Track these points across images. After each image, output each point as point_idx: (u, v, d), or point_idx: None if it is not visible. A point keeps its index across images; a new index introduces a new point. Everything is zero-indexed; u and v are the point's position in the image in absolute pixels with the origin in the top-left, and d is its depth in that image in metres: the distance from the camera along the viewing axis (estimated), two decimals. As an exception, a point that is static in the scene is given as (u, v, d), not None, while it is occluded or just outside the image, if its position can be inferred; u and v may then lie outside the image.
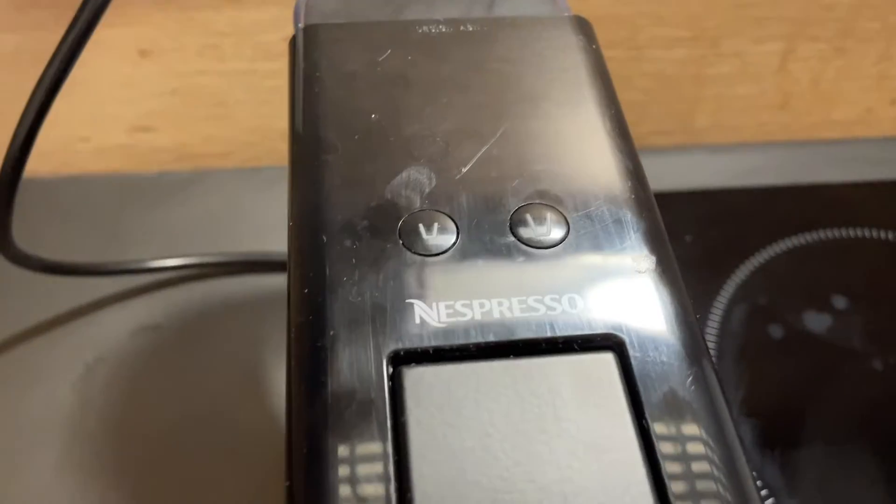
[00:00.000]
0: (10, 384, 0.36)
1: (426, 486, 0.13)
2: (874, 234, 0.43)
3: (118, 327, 0.39)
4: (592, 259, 0.16)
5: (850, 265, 0.42)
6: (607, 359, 0.15)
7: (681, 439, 0.14)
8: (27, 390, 0.36)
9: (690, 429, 0.14)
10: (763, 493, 0.34)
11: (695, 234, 0.43)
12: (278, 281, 0.41)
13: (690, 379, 0.15)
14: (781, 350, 0.39)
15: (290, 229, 0.17)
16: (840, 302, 0.40)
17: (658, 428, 0.14)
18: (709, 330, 0.39)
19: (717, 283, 0.41)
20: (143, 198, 0.44)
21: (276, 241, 0.42)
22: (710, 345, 0.38)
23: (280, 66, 0.40)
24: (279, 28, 0.38)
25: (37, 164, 0.41)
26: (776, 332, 0.39)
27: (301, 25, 0.23)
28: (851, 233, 0.43)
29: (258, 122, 0.43)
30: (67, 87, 0.39)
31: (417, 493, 0.13)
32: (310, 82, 0.19)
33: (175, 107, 0.41)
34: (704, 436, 0.14)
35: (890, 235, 0.43)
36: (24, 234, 0.34)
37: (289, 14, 0.38)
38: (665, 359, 0.15)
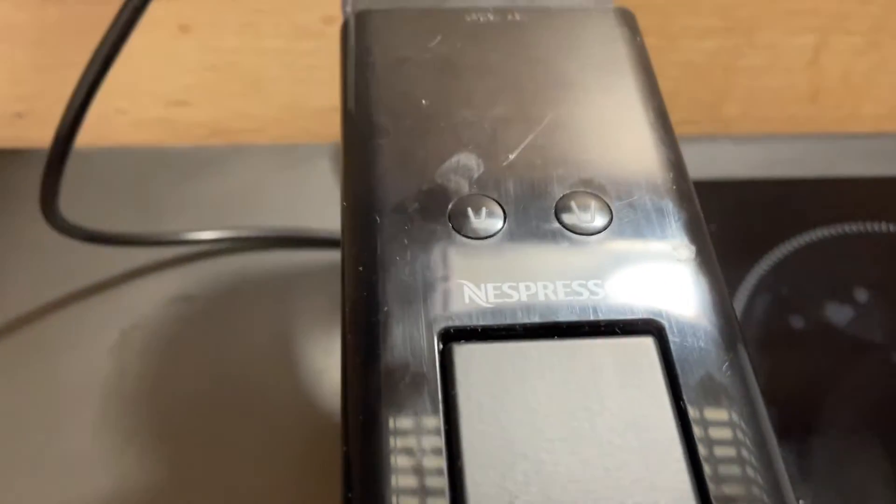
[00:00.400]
0: (49, 348, 0.38)
1: (475, 456, 0.14)
2: (883, 227, 0.44)
3: (153, 297, 0.40)
4: (634, 246, 0.17)
5: (874, 259, 0.42)
6: (647, 343, 0.16)
7: (716, 422, 0.15)
8: (66, 354, 0.37)
9: (725, 412, 0.15)
10: (779, 479, 0.34)
11: (719, 223, 0.43)
12: (309, 256, 0.42)
13: (727, 364, 0.15)
14: (802, 341, 0.39)
15: (344, 209, 0.18)
16: (862, 295, 0.41)
17: (694, 410, 0.15)
18: (730, 318, 0.40)
19: (740, 272, 0.41)
20: (178, 171, 0.44)
21: (306, 217, 0.42)
22: (732, 333, 0.39)
23: (316, 45, 0.41)
24: (317, 8, 0.39)
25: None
26: (798, 322, 0.40)
27: (349, 10, 0.23)
28: (876, 227, 0.44)
29: (292, 99, 0.44)
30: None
31: (467, 462, 0.14)
32: (362, 67, 0.20)
33: (212, 82, 0.42)
34: (738, 419, 0.15)
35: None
36: (62, 204, 0.35)
37: (328, -5, 0.38)
38: (703, 344, 0.16)
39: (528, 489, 0.14)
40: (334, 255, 0.41)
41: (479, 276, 0.16)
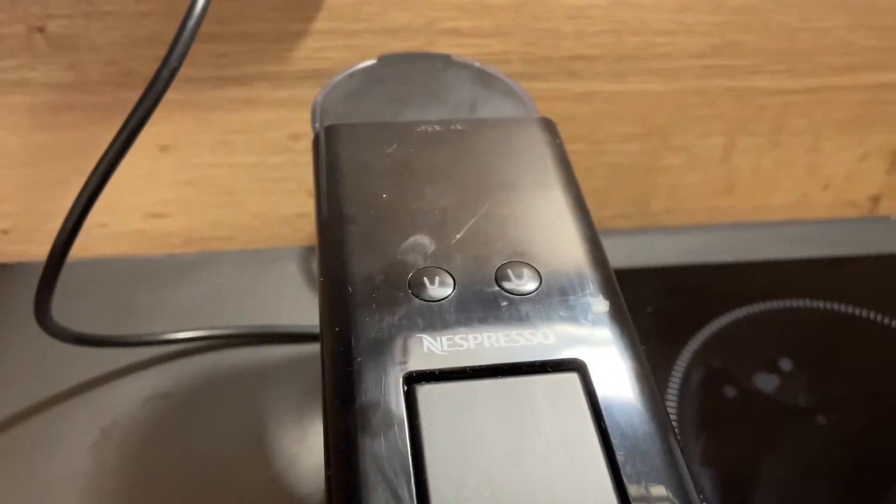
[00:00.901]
0: (34, 446, 0.39)
1: (436, 472, 0.17)
2: (813, 304, 0.49)
3: (132, 395, 0.42)
4: (560, 302, 0.21)
5: (794, 331, 0.47)
6: (573, 377, 0.19)
7: (631, 435, 0.18)
8: (50, 452, 0.39)
9: (638, 427, 0.18)
10: (722, 534, 0.37)
11: (654, 305, 0.48)
12: (278, 351, 0.45)
13: (638, 391, 0.19)
14: (735, 408, 0.43)
15: (322, 283, 0.21)
16: (786, 364, 0.45)
17: (613, 429, 0.18)
18: (669, 391, 0.43)
19: (676, 348, 0.45)
20: (155, 278, 0.48)
21: (276, 315, 0.46)
22: (671, 405, 0.43)
23: (284, 160, 0.45)
24: (285, 127, 0.43)
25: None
26: (730, 391, 0.44)
27: (317, 125, 0.28)
28: (793, 303, 0.49)
29: (262, 208, 0.48)
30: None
31: (430, 477, 0.17)
32: (332, 170, 0.24)
33: (188, 195, 0.46)
34: (648, 431, 0.18)
35: (826, 305, 0.48)
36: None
37: (294, 116, 0.43)
38: (617, 377, 0.19)
39: (481, 495, 0.17)
40: (302, 349, 0.45)
41: (435, 331, 0.20)
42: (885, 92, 0.47)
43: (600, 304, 0.21)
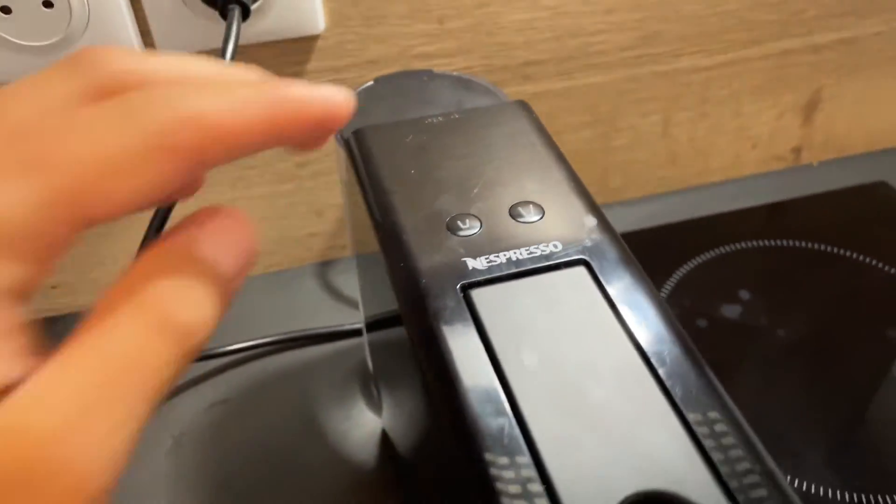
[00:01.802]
0: (118, 459, 0.45)
1: (500, 346, 0.24)
2: (757, 244, 0.57)
3: (194, 405, 0.48)
4: (560, 224, 0.28)
5: (746, 268, 0.55)
6: (581, 270, 0.26)
7: (632, 305, 0.25)
8: (132, 463, 0.45)
9: (635, 299, 0.26)
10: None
11: (627, 265, 0.55)
12: (315, 351, 0.51)
13: (628, 276, 0.26)
14: (710, 334, 0.50)
15: (381, 239, 0.28)
16: (745, 294, 0.53)
17: (619, 302, 0.25)
18: (652, 331, 0.51)
19: (651, 296, 0.53)
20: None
21: (304, 323, 0.52)
22: (656, 342, 0.50)
23: (293, 187, 0.52)
24: (292, 157, 0.50)
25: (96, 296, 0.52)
26: (702, 323, 0.51)
27: (339, 135, 0.35)
28: (741, 246, 0.57)
29: (277, 233, 0.54)
30: (125, 224, 0.50)
31: (498, 352, 0.24)
32: (367, 159, 0.31)
33: (212, 230, 0.52)
34: (642, 301, 0.25)
35: (768, 243, 0.57)
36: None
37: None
38: (612, 266, 0.26)
39: (538, 362, 0.24)
40: (335, 346, 0.51)
41: (473, 255, 0.27)
42: (787, 57, 0.56)
43: (590, 221, 0.28)
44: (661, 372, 0.23)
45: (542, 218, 0.28)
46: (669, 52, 0.53)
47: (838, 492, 0.42)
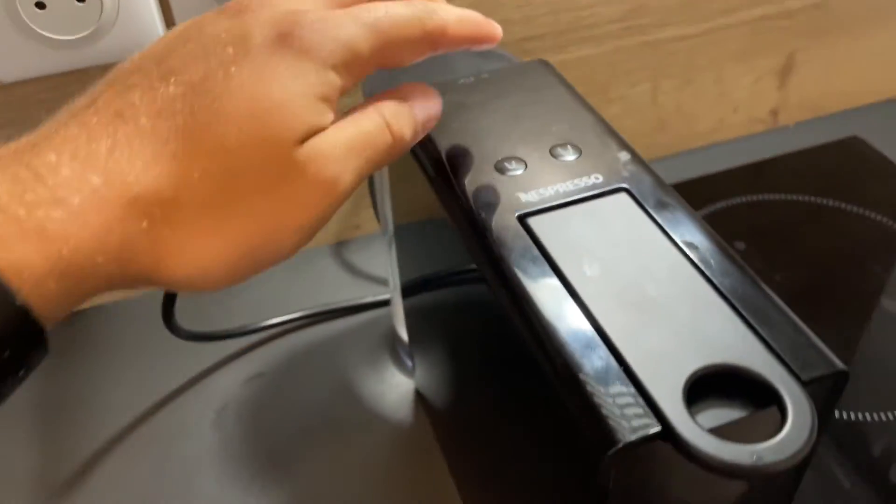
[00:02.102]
0: (167, 433, 0.47)
1: (562, 260, 0.27)
2: (744, 199, 0.61)
3: (232, 380, 0.50)
4: (597, 160, 0.31)
5: (737, 221, 0.59)
6: (624, 196, 0.29)
7: (673, 223, 0.28)
8: (181, 436, 0.47)
9: (676, 216, 0.29)
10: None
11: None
12: (341, 323, 0.53)
13: (664, 196, 0.29)
14: (711, 283, 0.54)
15: (437, 188, 0.31)
16: (740, 245, 0.57)
17: (659, 219, 0.28)
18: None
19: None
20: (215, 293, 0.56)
21: (326, 299, 0.54)
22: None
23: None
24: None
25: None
26: (703, 273, 0.55)
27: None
28: (729, 203, 0.60)
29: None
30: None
31: (561, 266, 0.27)
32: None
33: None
34: (681, 215, 0.28)
35: (754, 198, 0.61)
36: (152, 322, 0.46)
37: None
38: (647, 191, 0.29)
39: (600, 270, 0.27)
40: (359, 318, 0.53)
41: (526, 189, 0.30)
42: (763, 23, 0.60)
43: (624, 156, 0.31)
44: (706, 270, 0.26)
45: (580, 156, 0.31)
46: (655, 23, 0.56)
47: (837, 410, 0.46)
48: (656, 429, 0.21)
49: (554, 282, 0.26)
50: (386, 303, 0.54)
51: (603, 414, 0.22)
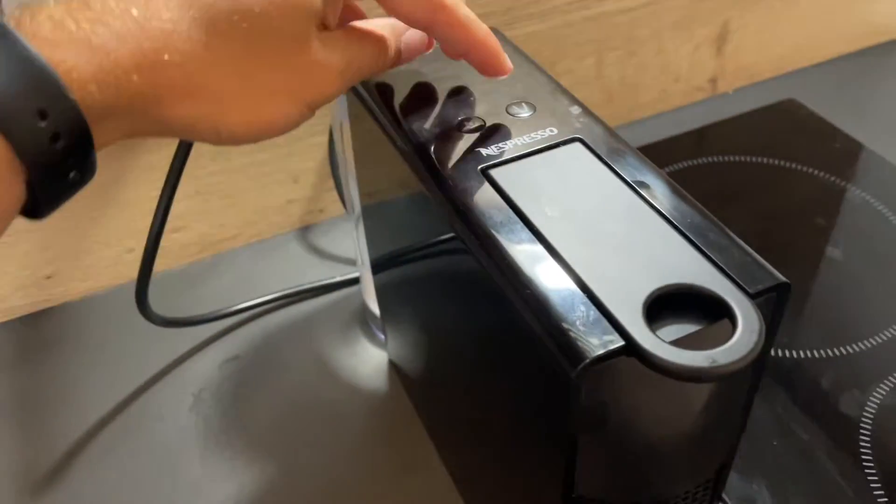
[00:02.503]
0: (147, 418, 0.47)
1: (526, 206, 0.29)
2: (690, 163, 0.63)
3: (208, 364, 0.51)
4: (551, 115, 0.33)
5: (685, 184, 0.61)
6: (578, 146, 0.31)
7: (623, 164, 0.30)
8: (160, 420, 0.47)
9: (624, 164, 0.31)
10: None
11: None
12: (312, 304, 0.54)
13: (615, 143, 0.31)
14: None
15: (405, 154, 0.32)
16: (689, 206, 0.59)
17: (612, 163, 0.30)
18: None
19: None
20: (185, 283, 0.56)
21: (295, 283, 0.55)
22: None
23: (269, 156, 0.55)
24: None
25: (94, 282, 0.54)
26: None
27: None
28: (676, 166, 0.63)
29: (258, 203, 0.57)
30: (117, 208, 0.53)
31: (526, 212, 0.28)
32: (376, 98, 0.35)
33: (197, 205, 0.55)
34: (631, 159, 0.31)
35: (698, 161, 0.63)
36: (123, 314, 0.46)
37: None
38: (599, 140, 0.31)
39: (563, 215, 0.28)
40: (330, 297, 0.54)
41: (486, 146, 0.31)
42: (696, -6, 0.63)
43: (576, 110, 0.33)
44: (657, 205, 0.28)
45: (535, 112, 0.33)
46: (596, -3, 0.59)
47: (787, 351, 0.49)
48: (620, 343, 0.23)
49: (518, 224, 0.28)
50: (355, 281, 0.55)
51: (570, 335, 0.24)
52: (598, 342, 0.23)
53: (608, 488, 0.29)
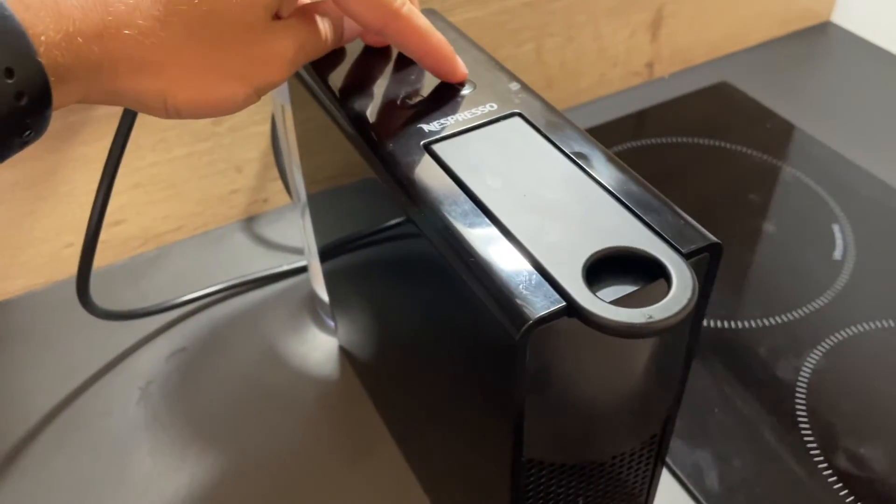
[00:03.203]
0: (93, 414, 0.47)
1: (470, 180, 0.29)
2: (629, 145, 0.65)
3: (154, 357, 0.50)
4: (491, 92, 0.33)
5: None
6: (518, 120, 0.32)
7: (564, 138, 0.31)
8: (108, 416, 0.47)
9: (565, 134, 0.31)
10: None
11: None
12: (259, 294, 0.54)
13: (553, 117, 0.32)
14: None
15: (350, 135, 0.32)
16: (630, 186, 0.61)
17: (551, 136, 0.31)
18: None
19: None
20: (129, 278, 0.55)
21: (241, 273, 0.55)
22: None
23: (211, 145, 0.55)
24: (208, 114, 0.53)
25: (33, 278, 0.53)
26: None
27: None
28: (616, 149, 0.65)
29: (201, 194, 0.57)
30: (53, 202, 0.52)
31: (469, 185, 0.29)
32: (319, 82, 0.35)
33: (139, 197, 0.54)
34: (569, 131, 0.31)
35: (637, 143, 0.65)
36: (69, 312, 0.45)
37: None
38: (538, 114, 0.32)
39: (502, 182, 0.29)
40: (276, 287, 0.54)
41: (427, 122, 0.32)
42: (630, -20, 0.64)
43: (515, 86, 0.34)
44: (594, 174, 0.29)
45: (475, 89, 0.34)
46: (534, -17, 0.60)
47: (725, 322, 0.51)
48: (562, 304, 0.24)
49: (461, 196, 0.28)
50: (302, 269, 0.55)
51: (513, 299, 0.24)
52: (541, 304, 0.24)
53: (555, 450, 0.30)
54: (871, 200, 0.60)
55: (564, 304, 0.24)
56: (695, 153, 0.65)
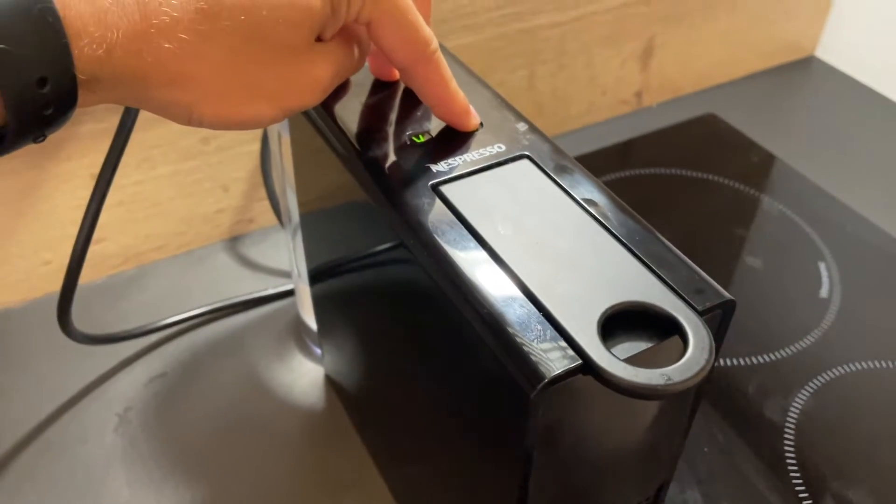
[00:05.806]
0: (69, 440, 0.45)
1: (477, 221, 0.29)
2: (616, 175, 0.65)
3: (133, 382, 0.49)
4: (499, 130, 0.33)
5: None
6: (526, 163, 0.31)
7: (571, 181, 0.31)
8: (84, 442, 0.45)
9: (573, 178, 0.31)
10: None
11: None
12: (242, 318, 0.53)
13: (562, 161, 0.32)
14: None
15: (352, 168, 0.32)
16: (618, 217, 0.61)
17: (560, 180, 0.31)
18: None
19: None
20: (108, 297, 0.54)
21: (224, 296, 0.54)
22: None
23: (197, 163, 0.54)
24: (197, 133, 0.52)
25: (8, 295, 0.51)
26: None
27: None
28: (603, 179, 0.65)
29: (185, 213, 0.55)
30: (32, 218, 0.51)
31: (475, 225, 0.28)
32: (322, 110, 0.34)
33: (121, 215, 0.53)
34: (579, 176, 0.31)
35: (624, 174, 0.65)
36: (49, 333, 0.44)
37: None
38: (546, 157, 0.32)
39: (511, 229, 0.29)
40: (260, 311, 0.53)
41: (436, 160, 0.31)
42: (625, 9, 0.64)
43: (523, 126, 0.33)
44: (606, 223, 0.29)
45: (483, 129, 0.33)
46: (529, 10, 0.59)
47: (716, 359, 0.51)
48: (577, 362, 0.24)
49: (472, 242, 0.28)
50: (289, 294, 0.54)
51: (528, 355, 0.24)
52: (557, 361, 0.24)
53: (559, 503, 0.29)
54: (856, 238, 0.61)
55: (580, 361, 0.24)
56: (680, 185, 0.65)
